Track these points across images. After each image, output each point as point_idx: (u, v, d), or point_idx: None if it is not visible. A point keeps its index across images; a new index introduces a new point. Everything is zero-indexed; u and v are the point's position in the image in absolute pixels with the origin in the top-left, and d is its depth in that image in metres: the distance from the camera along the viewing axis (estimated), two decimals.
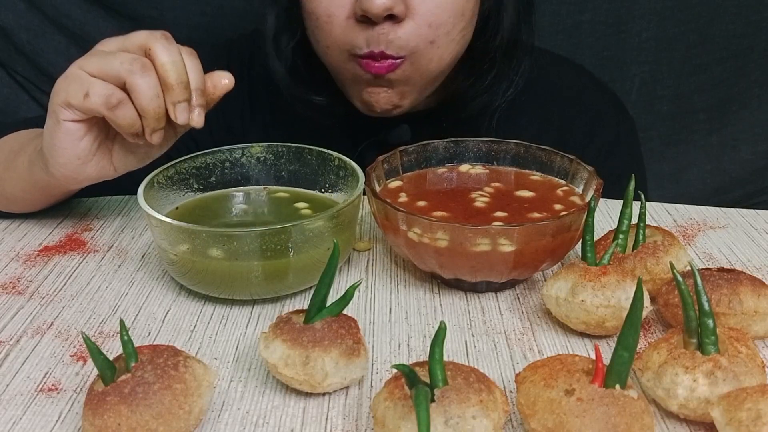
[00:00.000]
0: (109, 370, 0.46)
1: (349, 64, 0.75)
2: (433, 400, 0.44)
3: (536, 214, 0.65)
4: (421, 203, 0.67)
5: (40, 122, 0.69)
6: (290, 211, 0.71)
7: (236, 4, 1.16)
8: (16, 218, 0.78)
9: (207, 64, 0.64)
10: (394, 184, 0.70)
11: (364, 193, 0.65)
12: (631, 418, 0.44)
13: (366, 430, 0.49)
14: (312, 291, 0.52)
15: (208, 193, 0.72)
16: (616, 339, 0.46)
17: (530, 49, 0.83)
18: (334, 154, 0.71)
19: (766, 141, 1.38)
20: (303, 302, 0.63)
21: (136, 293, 0.65)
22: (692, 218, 0.78)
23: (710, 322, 0.48)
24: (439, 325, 0.46)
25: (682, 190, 1.35)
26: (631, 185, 0.62)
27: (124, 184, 0.72)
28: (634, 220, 0.64)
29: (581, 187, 0.68)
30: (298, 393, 0.52)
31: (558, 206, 0.66)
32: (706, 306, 0.48)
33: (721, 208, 0.81)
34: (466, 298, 0.64)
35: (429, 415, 0.41)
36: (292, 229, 0.59)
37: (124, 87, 0.60)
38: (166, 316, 0.61)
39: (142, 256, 0.71)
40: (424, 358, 0.48)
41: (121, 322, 0.48)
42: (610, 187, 0.68)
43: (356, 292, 0.56)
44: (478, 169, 0.73)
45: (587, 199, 0.66)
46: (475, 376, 0.46)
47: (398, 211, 0.60)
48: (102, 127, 0.64)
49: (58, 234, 0.75)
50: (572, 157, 0.70)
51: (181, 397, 0.46)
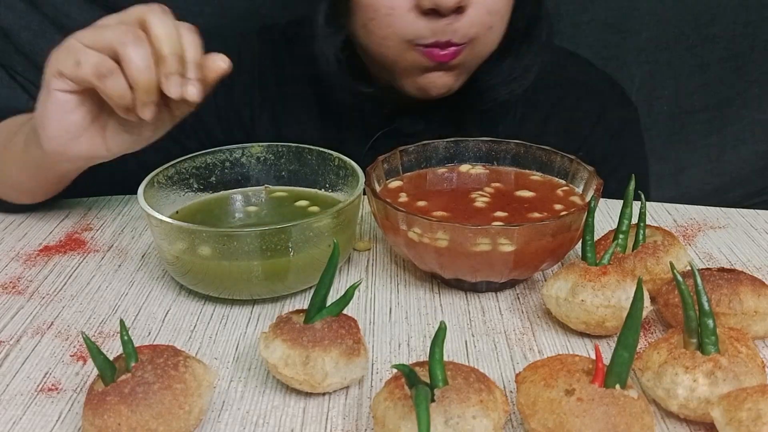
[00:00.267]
0: (109, 370, 0.46)
1: (408, 53, 0.76)
2: (433, 400, 0.44)
3: (536, 214, 0.65)
4: (421, 203, 0.67)
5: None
6: (292, 209, 0.71)
7: (237, 4, 1.16)
8: (16, 218, 0.78)
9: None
10: (394, 184, 0.70)
11: (364, 193, 0.65)
12: (631, 418, 0.44)
13: (366, 430, 0.49)
14: (312, 291, 0.52)
15: (208, 193, 0.72)
16: (616, 339, 0.46)
17: (549, 32, 0.84)
18: (334, 154, 0.71)
19: (766, 141, 1.38)
20: (303, 302, 0.63)
21: (136, 293, 0.65)
22: (692, 218, 0.78)
23: (710, 322, 0.48)
24: (439, 325, 0.46)
25: (682, 190, 1.35)
26: (631, 185, 0.62)
27: (124, 184, 0.72)
28: (634, 220, 0.64)
29: (581, 187, 0.68)
30: (298, 393, 0.52)
31: (558, 206, 0.66)
32: (706, 306, 0.48)
33: (721, 208, 0.81)
34: (466, 298, 0.64)
35: (429, 415, 0.41)
36: (292, 229, 0.59)
37: (117, 59, 0.60)
38: (166, 316, 0.61)
39: (142, 256, 0.71)
40: (424, 358, 0.48)
41: (121, 322, 0.48)
42: (614, 176, 0.69)
43: (356, 292, 0.56)
44: (478, 169, 0.73)
45: (587, 199, 0.66)
46: (475, 376, 0.46)
47: (398, 211, 0.60)
48: (95, 102, 0.63)
49: (58, 234, 0.75)
50: (572, 157, 0.70)
51: (181, 397, 0.46)
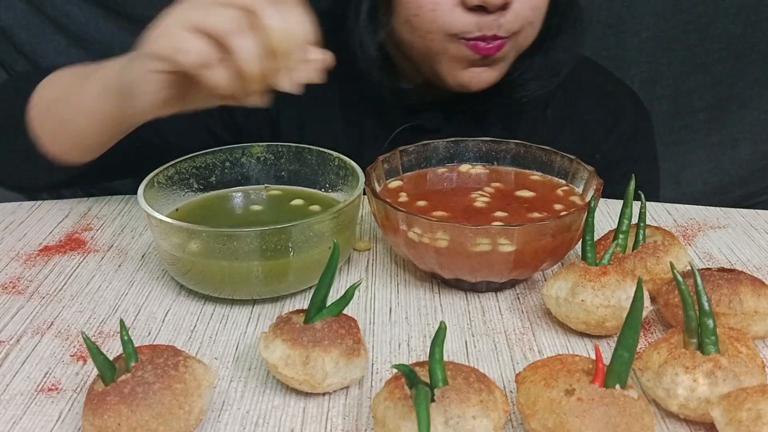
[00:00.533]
0: (109, 370, 0.46)
1: (451, 47, 0.76)
2: (433, 400, 0.44)
3: (536, 214, 0.65)
4: (421, 203, 0.67)
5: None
6: (292, 209, 0.71)
7: None
8: (16, 218, 0.78)
9: None
10: (394, 184, 0.70)
11: (364, 193, 0.65)
12: (631, 418, 0.44)
13: (366, 430, 0.49)
14: (312, 291, 0.52)
15: (208, 193, 0.72)
16: (616, 339, 0.46)
17: (580, 30, 0.85)
18: (334, 154, 0.71)
19: (766, 141, 1.39)
20: (303, 302, 0.63)
21: (136, 293, 0.65)
22: (692, 218, 0.78)
23: (710, 322, 0.48)
24: (439, 325, 0.46)
25: (682, 190, 1.36)
26: (631, 185, 0.62)
27: (124, 185, 0.72)
28: (634, 220, 0.64)
29: (581, 187, 0.68)
30: (298, 393, 0.52)
31: (558, 206, 0.66)
32: (706, 306, 0.48)
33: (721, 208, 0.81)
34: (466, 298, 0.64)
35: (429, 415, 0.41)
36: (292, 229, 0.59)
37: (222, 45, 0.57)
38: (166, 316, 0.61)
39: (142, 256, 0.71)
40: (424, 358, 0.48)
41: (121, 322, 0.48)
42: (621, 180, 0.69)
43: (356, 292, 0.56)
44: (478, 169, 0.73)
45: (587, 199, 0.66)
46: (475, 376, 0.46)
47: (398, 211, 0.60)
48: (188, 78, 0.61)
49: (58, 234, 0.75)
50: (572, 157, 0.70)
51: (181, 397, 0.46)
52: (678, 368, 0.48)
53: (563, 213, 0.63)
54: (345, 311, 0.53)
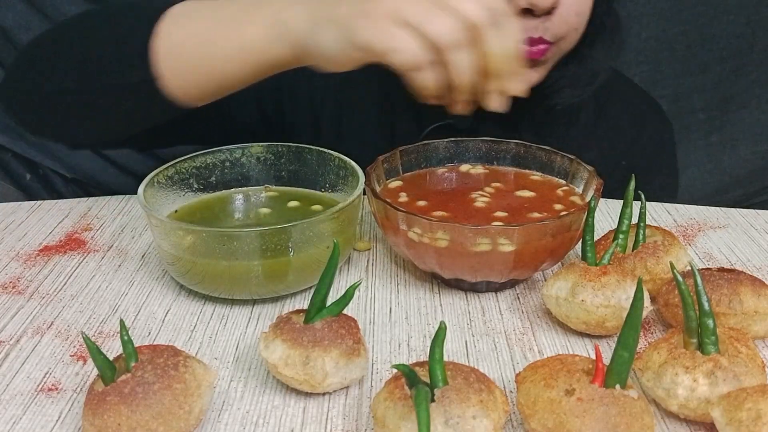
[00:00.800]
0: (109, 370, 0.46)
1: None
2: (433, 400, 0.44)
3: (536, 214, 0.65)
4: (421, 203, 0.67)
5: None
6: (292, 209, 0.70)
7: None
8: (16, 218, 0.78)
9: None
10: (394, 184, 0.70)
11: (364, 193, 0.65)
12: (631, 418, 0.44)
13: (366, 430, 0.49)
14: (312, 291, 0.52)
15: (208, 193, 0.72)
16: (616, 339, 0.46)
17: (619, 38, 0.85)
18: (334, 154, 0.71)
19: (766, 141, 1.39)
20: (303, 302, 0.63)
21: (136, 293, 0.65)
22: (692, 218, 0.78)
23: (710, 322, 0.48)
24: (439, 325, 0.46)
25: (682, 190, 1.35)
26: (631, 185, 0.62)
27: (124, 184, 0.72)
28: (634, 220, 0.64)
29: (581, 187, 0.68)
30: (298, 393, 0.52)
31: (558, 206, 0.66)
32: (706, 306, 0.48)
33: (721, 208, 0.81)
34: (466, 298, 0.64)
35: (429, 415, 0.41)
36: (292, 229, 0.59)
37: (436, 49, 0.55)
38: (166, 316, 0.61)
39: (142, 256, 0.71)
40: (424, 358, 0.48)
41: (121, 322, 0.48)
42: (649, 186, 0.71)
43: (356, 292, 0.56)
44: (478, 169, 0.73)
45: (587, 199, 0.66)
46: (475, 376, 0.46)
47: (398, 211, 0.60)
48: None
49: (58, 234, 0.75)
50: (572, 157, 0.70)
51: (181, 397, 0.46)
52: (678, 368, 0.48)
53: (563, 213, 0.63)
54: (345, 311, 0.53)
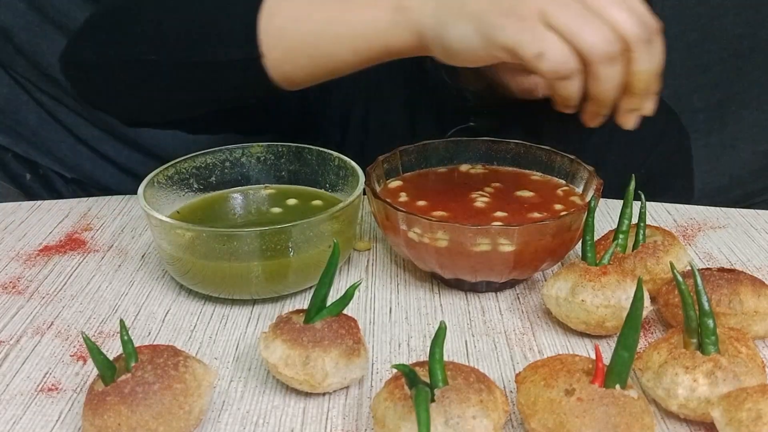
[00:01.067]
0: (109, 370, 0.46)
1: None
2: (433, 400, 0.44)
3: (536, 214, 0.65)
4: (421, 203, 0.67)
5: None
6: (293, 208, 0.70)
7: None
8: (16, 218, 0.78)
9: None
10: (394, 184, 0.70)
11: (364, 193, 0.65)
12: (631, 418, 0.44)
13: (366, 430, 0.49)
14: (312, 291, 0.52)
15: (209, 193, 0.72)
16: (616, 339, 0.46)
17: None
18: (334, 154, 0.71)
19: (766, 141, 1.39)
20: (303, 302, 0.63)
21: (136, 293, 0.65)
22: (692, 218, 0.78)
23: (710, 322, 0.48)
24: (439, 325, 0.46)
25: None
26: (632, 185, 0.62)
27: (124, 184, 0.72)
28: (634, 220, 0.64)
29: (581, 187, 0.68)
30: (298, 393, 0.52)
31: (558, 206, 0.66)
32: (706, 306, 0.48)
33: (721, 208, 0.81)
34: (466, 298, 0.64)
35: (429, 415, 0.41)
36: (292, 229, 0.59)
37: (580, 57, 0.53)
38: (166, 316, 0.61)
39: (142, 256, 0.71)
40: (424, 358, 0.48)
41: (121, 322, 0.47)
42: (666, 192, 0.72)
43: (356, 292, 0.56)
44: (478, 169, 0.73)
45: (587, 199, 0.66)
46: (475, 376, 0.46)
47: (398, 211, 0.60)
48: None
49: (58, 234, 0.75)
50: (572, 157, 0.70)
51: (181, 397, 0.46)
52: (678, 368, 0.48)
53: (563, 213, 0.63)
54: (345, 311, 0.53)
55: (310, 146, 0.73)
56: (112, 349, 0.57)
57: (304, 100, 0.87)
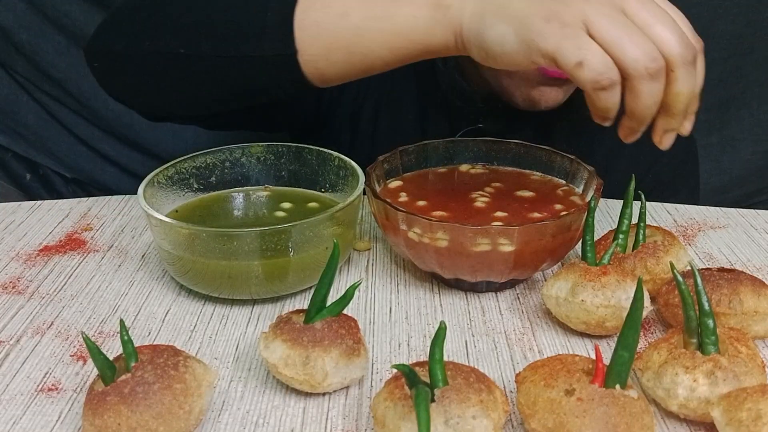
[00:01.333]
0: (109, 370, 0.46)
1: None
2: (433, 400, 0.44)
3: (536, 214, 0.65)
4: (421, 203, 0.67)
5: None
6: (293, 209, 0.70)
7: None
8: (16, 218, 0.78)
9: None
10: (394, 184, 0.70)
11: (364, 193, 0.65)
12: (631, 418, 0.44)
13: (366, 430, 0.49)
14: (312, 291, 0.52)
15: (208, 193, 0.72)
16: (616, 339, 0.46)
17: None
18: (334, 154, 0.71)
19: (766, 141, 1.39)
20: (303, 302, 0.63)
21: (136, 293, 0.65)
22: (692, 218, 0.78)
23: (710, 322, 0.48)
24: (439, 325, 0.46)
25: None
26: (632, 185, 0.62)
27: (124, 184, 0.72)
28: (634, 220, 0.64)
29: (581, 187, 0.68)
30: (298, 393, 0.52)
31: (558, 206, 0.66)
32: (706, 306, 0.48)
33: (721, 208, 0.81)
34: (466, 298, 0.64)
35: (429, 415, 0.41)
36: (292, 229, 0.59)
37: (619, 68, 0.52)
38: (166, 316, 0.61)
39: (142, 256, 0.71)
40: (424, 358, 0.48)
41: (121, 322, 0.47)
42: (675, 197, 0.72)
43: (356, 292, 0.56)
44: (478, 169, 0.73)
45: (587, 199, 0.66)
46: (475, 376, 0.46)
47: (398, 211, 0.60)
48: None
49: (58, 234, 0.75)
50: (572, 157, 0.70)
51: (181, 397, 0.46)
52: (678, 368, 0.48)
53: (563, 213, 0.63)
54: (345, 311, 0.53)
55: (310, 146, 0.73)
56: (112, 349, 0.57)
57: (318, 99, 0.87)
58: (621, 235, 0.62)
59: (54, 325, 0.60)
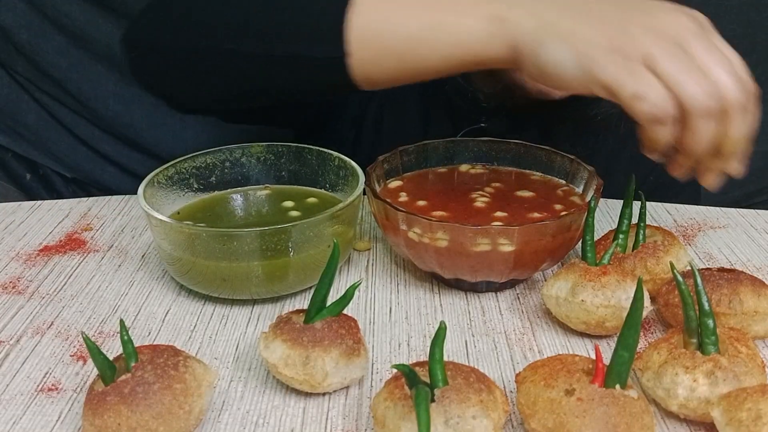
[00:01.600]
0: (109, 370, 0.46)
1: None
2: (433, 400, 0.44)
3: (536, 214, 0.65)
4: (421, 203, 0.67)
5: None
6: (292, 209, 0.70)
7: None
8: (16, 218, 0.78)
9: None
10: (394, 184, 0.70)
11: (364, 193, 0.65)
12: (631, 418, 0.44)
13: (366, 430, 0.49)
14: (312, 291, 0.52)
15: (209, 193, 0.72)
16: (616, 339, 0.46)
17: None
18: (334, 154, 0.71)
19: (766, 141, 1.38)
20: (303, 302, 0.63)
21: (136, 293, 0.65)
22: (692, 218, 0.78)
23: (710, 322, 0.48)
24: (439, 325, 0.46)
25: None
26: (632, 185, 0.62)
27: (124, 184, 0.72)
28: (634, 220, 0.64)
29: (581, 187, 0.68)
30: (298, 393, 0.52)
31: (558, 206, 0.66)
32: (706, 306, 0.48)
33: (721, 208, 0.81)
34: (466, 298, 0.64)
35: (429, 415, 0.41)
36: (292, 229, 0.59)
37: (677, 103, 0.52)
38: (166, 316, 0.61)
39: (142, 256, 0.71)
40: (424, 358, 0.48)
41: (121, 322, 0.48)
42: (678, 198, 0.72)
43: (356, 292, 0.56)
44: (478, 169, 0.73)
45: (587, 199, 0.66)
46: (475, 376, 0.46)
47: (398, 211, 0.60)
48: None
49: (58, 234, 0.75)
50: (572, 157, 0.70)
51: (181, 397, 0.46)
52: (678, 368, 0.48)
53: (563, 213, 0.63)
54: (345, 311, 0.53)
55: (310, 146, 0.73)
56: (112, 349, 0.57)
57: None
58: (621, 235, 0.62)
59: (54, 325, 0.60)
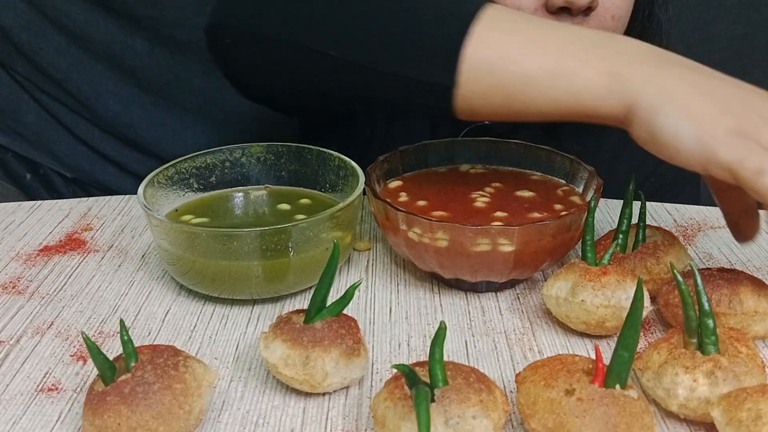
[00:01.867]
0: (109, 370, 0.46)
1: None
2: (433, 400, 0.44)
3: (536, 214, 0.65)
4: (421, 203, 0.67)
5: None
6: (292, 209, 0.71)
7: None
8: (16, 218, 0.78)
9: None
10: (394, 184, 0.70)
11: (364, 193, 0.65)
12: (631, 418, 0.44)
13: (366, 430, 0.49)
14: (312, 291, 0.52)
15: (208, 192, 0.72)
16: (616, 339, 0.46)
17: (659, 42, 0.83)
18: (334, 154, 0.71)
19: None
20: (303, 302, 0.63)
21: (136, 293, 0.65)
22: (692, 218, 0.78)
23: (710, 322, 0.48)
24: (439, 325, 0.46)
25: None
26: (631, 185, 0.62)
27: (124, 184, 0.72)
28: (634, 220, 0.64)
29: (581, 187, 0.68)
30: (298, 393, 0.52)
31: (558, 206, 0.66)
32: (706, 306, 0.48)
33: None
34: (466, 298, 0.64)
35: (429, 415, 0.41)
36: (292, 229, 0.59)
37: None
38: (166, 316, 0.61)
39: (142, 256, 0.71)
40: (424, 358, 0.48)
41: (121, 322, 0.48)
42: (678, 198, 0.72)
43: (356, 292, 0.56)
44: (478, 169, 0.73)
45: (587, 199, 0.66)
46: (475, 376, 0.46)
47: (398, 211, 0.60)
48: None
49: (58, 234, 0.75)
50: (572, 158, 0.70)
51: (181, 397, 0.46)
52: (678, 368, 0.48)
53: (563, 213, 0.63)
54: (345, 311, 0.53)
55: (310, 146, 0.73)
56: (112, 349, 0.57)
57: None
58: (621, 235, 0.62)
59: (54, 325, 0.60)
